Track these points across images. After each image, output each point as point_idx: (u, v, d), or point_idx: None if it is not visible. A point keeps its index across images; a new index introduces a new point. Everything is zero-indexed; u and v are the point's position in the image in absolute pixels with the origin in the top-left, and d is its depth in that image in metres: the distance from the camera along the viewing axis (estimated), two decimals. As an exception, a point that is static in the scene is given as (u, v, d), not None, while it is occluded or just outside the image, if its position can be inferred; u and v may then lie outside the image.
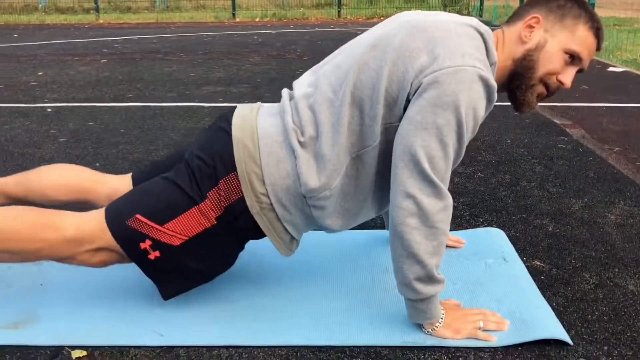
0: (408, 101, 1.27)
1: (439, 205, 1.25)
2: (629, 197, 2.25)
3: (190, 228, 1.36)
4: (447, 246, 1.78)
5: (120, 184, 1.61)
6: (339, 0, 12.62)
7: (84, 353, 1.32)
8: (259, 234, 1.41)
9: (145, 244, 1.36)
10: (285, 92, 1.46)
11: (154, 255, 1.36)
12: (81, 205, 1.63)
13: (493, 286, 1.56)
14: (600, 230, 1.96)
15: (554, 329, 1.36)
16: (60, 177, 1.62)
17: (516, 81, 1.40)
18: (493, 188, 2.36)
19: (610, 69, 5.41)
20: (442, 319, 1.35)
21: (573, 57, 1.37)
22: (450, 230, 1.93)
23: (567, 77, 1.38)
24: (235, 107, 1.48)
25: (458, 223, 2.02)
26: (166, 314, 1.46)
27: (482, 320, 1.37)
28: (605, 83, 4.66)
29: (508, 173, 2.54)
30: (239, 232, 1.40)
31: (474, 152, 2.83)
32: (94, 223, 1.37)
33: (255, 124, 1.39)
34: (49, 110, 3.86)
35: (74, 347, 1.34)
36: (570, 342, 1.33)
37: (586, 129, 3.26)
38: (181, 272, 1.40)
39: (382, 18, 11.71)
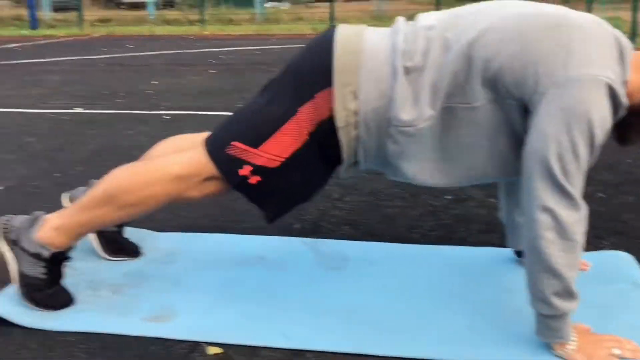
0: (522, 99, 1.25)
1: (576, 217, 1.23)
2: None
3: (284, 147, 1.39)
4: (572, 268, 1.73)
5: None
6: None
7: (220, 350, 1.40)
8: (340, 152, 1.41)
9: (244, 170, 1.41)
10: (401, 18, 1.45)
11: (254, 179, 1.41)
12: None
13: (625, 312, 1.51)
14: None
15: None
16: (166, 146, 1.69)
17: (633, 117, 1.32)
18: (616, 209, 2.27)
19: None
20: (573, 341, 1.32)
21: None
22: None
23: None
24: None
25: (581, 245, 1.95)
26: (296, 317, 1.51)
27: (617, 348, 1.32)
28: None
29: (632, 194, 2.43)
30: (328, 149, 1.41)
31: (592, 172, 2.71)
32: (197, 157, 1.45)
33: (360, 39, 1.39)
34: (166, 117, 4.10)
35: (210, 344, 1.42)
36: None
37: None
38: (280, 194, 1.46)
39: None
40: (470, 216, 2.20)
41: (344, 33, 1.41)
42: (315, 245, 1.94)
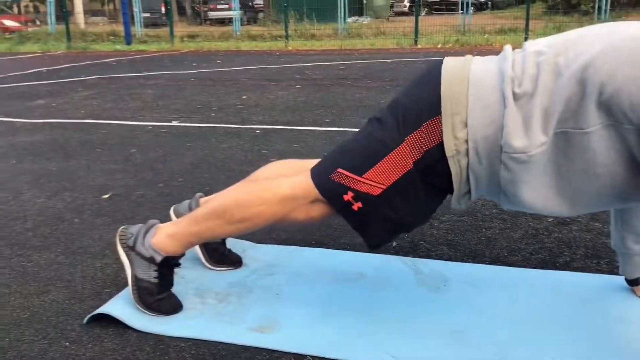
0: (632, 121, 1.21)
1: None
2: None
3: (387, 175, 1.41)
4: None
5: None
6: (526, 25, 12.20)
7: (326, 364, 1.42)
8: (449, 183, 1.41)
9: (348, 196, 1.44)
10: (508, 46, 1.45)
11: (356, 206, 1.44)
12: None
13: None
14: None
15: None
16: (277, 169, 1.75)
17: None
18: None
19: None
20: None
21: None
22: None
23: None
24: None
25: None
26: (400, 337, 1.51)
27: None
28: None
29: None
30: (434, 178, 1.41)
31: None
32: (304, 181, 1.51)
33: (468, 68, 1.40)
34: (257, 131, 4.21)
35: (315, 357, 1.44)
36: None
37: None
38: (382, 222, 1.47)
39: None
40: (574, 240, 2.13)
41: (450, 63, 1.43)
42: (415, 265, 1.93)
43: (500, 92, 1.34)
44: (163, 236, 1.63)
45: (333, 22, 15.57)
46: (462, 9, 14.64)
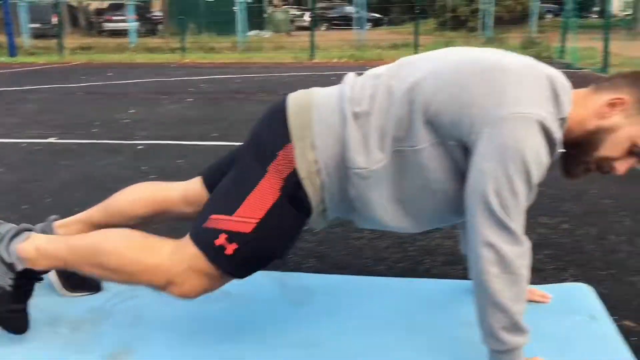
0: (461, 139, 1.30)
1: (518, 251, 1.27)
2: None
3: (258, 208, 1.40)
4: (533, 301, 1.75)
5: (190, 184, 1.70)
6: (415, 41, 12.74)
7: (177, 388, 1.39)
8: (310, 203, 1.42)
9: (220, 240, 1.40)
10: (350, 73, 1.52)
11: (231, 248, 1.40)
12: (161, 216, 1.71)
13: (581, 344, 1.52)
14: (697, 291, 1.87)
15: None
16: (133, 193, 1.73)
17: (574, 149, 1.38)
18: (579, 241, 2.30)
19: None
20: (528, 375, 1.33)
21: (637, 151, 1.34)
22: (536, 284, 1.89)
23: (623, 165, 1.36)
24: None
25: (543, 277, 1.98)
26: (255, 353, 1.50)
27: (572, 382, 1.34)
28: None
29: (595, 226, 2.47)
30: (298, 202, 1.42)
31: (558, 202, 2.77)
32: (185, 243, 1.45)
33: (311, 96, 1.46)
34: (140, 147, 4.10)
35: (167, 381, 1.41)
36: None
37: (679, 181, 3.12)
38: (256, 258, 1.45)
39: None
40: (435, 248, 2.23)
41: (294, 95, 1.50)
42: (280, 279, 1.94)
43: (341, 112, 1.39)
44: (31, 247, 1.52)
45: (234, 35, 15.52)
46: (358, 25, 15.04)
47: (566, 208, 2.70)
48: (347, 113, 1.38)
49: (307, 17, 29.21)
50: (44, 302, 1.77)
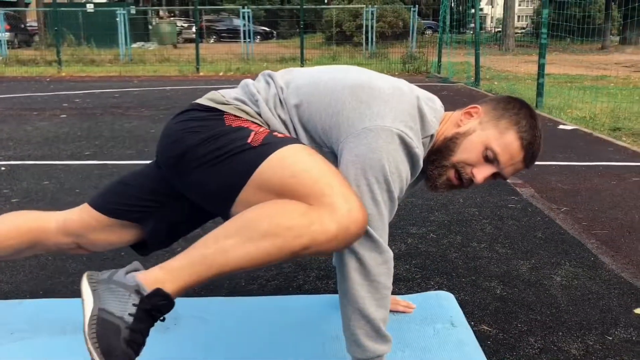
0: (332, 147, 1.36)
1: (379, 259, 1.32)
2: (574, 258, 2.33)
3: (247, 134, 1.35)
4: (398, 311, 1.80)
5: (70, 213, 1.61)
6: (301, 55, 12.92)
7: None
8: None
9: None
10: (248, 79, 1.54)
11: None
12: (36, 247, 1.61)
13: (440, 352, 1.58)
14: (546, 292, 2.01)
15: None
16: (6, 222, 1.60)
17: (433, 155, 1.46)
18: (444, 249, 2.41)
19: (561, 126, 5.63)
20: (390, 385, 1.36)
21: (491, 156, 1.42)
22: (402, 294, 1.95)
23: (480, 173, 1.43)
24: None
25: (409, 286, 2.04)
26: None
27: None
28: (556, 141, 4.84)
29: (459, 234, 2.60)
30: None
31: (427, 212, 2.89)
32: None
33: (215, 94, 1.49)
34: (2, 168, 3.80)
35: None
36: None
37: (536, 188, 3.37)
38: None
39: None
40: (309, 263, 2.23)
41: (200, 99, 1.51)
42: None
43: (249, 94, 1.43)
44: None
45: (115, 47, 14.92)
46: (247, 38, 15.00)
47: (434, 217, 2.82)
48: (256, 95, 1.42)
49: (194, 29, 28.79)
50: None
